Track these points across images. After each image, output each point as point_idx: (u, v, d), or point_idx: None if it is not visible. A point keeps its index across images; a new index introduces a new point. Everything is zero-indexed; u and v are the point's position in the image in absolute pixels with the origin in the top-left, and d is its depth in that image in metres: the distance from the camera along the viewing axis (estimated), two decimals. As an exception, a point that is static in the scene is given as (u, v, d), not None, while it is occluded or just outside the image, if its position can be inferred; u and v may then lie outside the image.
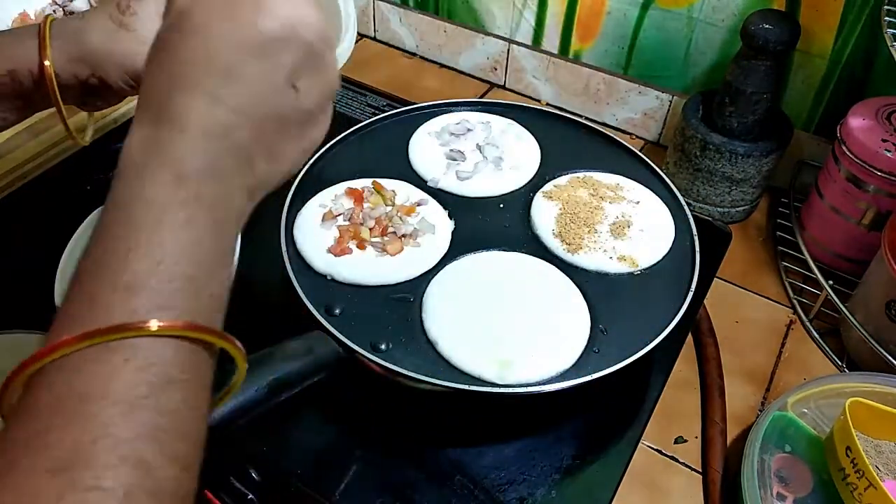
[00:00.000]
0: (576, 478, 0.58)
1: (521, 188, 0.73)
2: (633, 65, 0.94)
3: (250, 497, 0.55)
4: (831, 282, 0.75)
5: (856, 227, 0.77)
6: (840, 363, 0.73)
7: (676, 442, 0.66)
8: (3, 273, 0.71)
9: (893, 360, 0.67)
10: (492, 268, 0.64)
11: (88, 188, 0.80)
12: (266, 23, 0.33)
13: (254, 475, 0.56)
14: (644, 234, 0.67)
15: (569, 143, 0.78)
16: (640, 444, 0.62)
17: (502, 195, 0.72)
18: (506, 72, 1.06)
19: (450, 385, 0.54)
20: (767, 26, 0.74)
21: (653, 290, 0.63)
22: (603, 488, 0.57)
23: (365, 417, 0.61)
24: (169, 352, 0.29)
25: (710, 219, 0.78)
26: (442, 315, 0.60)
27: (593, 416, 0.62)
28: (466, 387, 0.55)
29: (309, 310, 0.58)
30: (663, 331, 0.58)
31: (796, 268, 0.81)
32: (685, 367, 0.71)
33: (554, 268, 0.64)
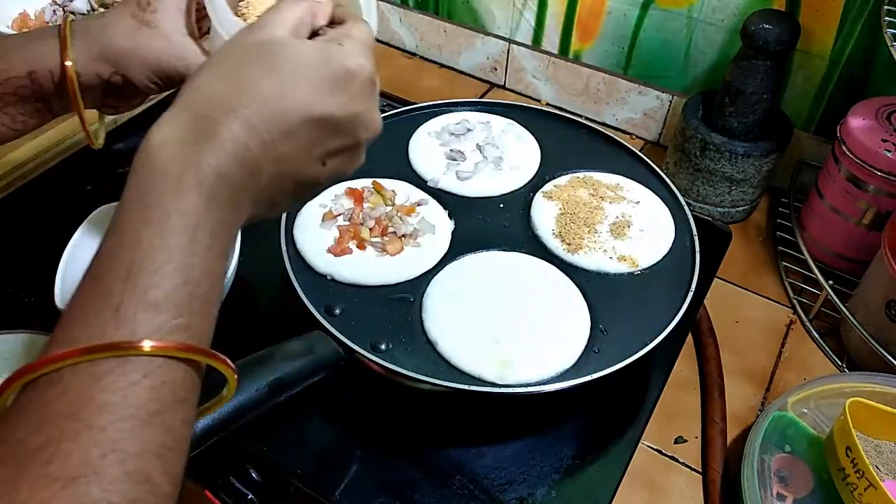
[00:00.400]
0: (576, 478, 0.58)
1: (521, 188, 0.73)
2: (633, 65, 0.94)
3: (250, 497, 0.55)
4: (831, 282, 0.75)
5: (856, 227, 0.77)
6: (840, 363, 0.73)
7: (676, 442, 0.66)
8: (3, 273, 0.71)
9: (893, 360, 0.67)
10: (492, 268, 0.64)
11: (88, 188, 0.80)
12: (339, 108, 0.36)
13: (254, 475, 0.56)
14: (644, 234, 0.67)
15: (569, 143, 0.78)
16: (640, 444, 0.62)
17: (502, 195, 0.72)
18: (506, 72, 1.06)
19: (450, 385, 0.54)
20: (767, 26, 0.74)
21: (653, 290, 0.63)
22: (603, 488, 0.58)
23: (365, 417, 0.61)
24: (180, 373, 0.30)
25: (710, 219, 0.78)
26: (442, 315, 0.60)
27: (593, 416, 0.62)
28: (466, 387, 0.55)
29: (309, 310, 0.58)
30: (663, 331, 0.58)
31: (796, 268, 0.81)
32: (685, 367, 0.71)
33: (554, 268, 0.64)
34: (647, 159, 0.75)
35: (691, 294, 0.61)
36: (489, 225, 0.69)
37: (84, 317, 0.29)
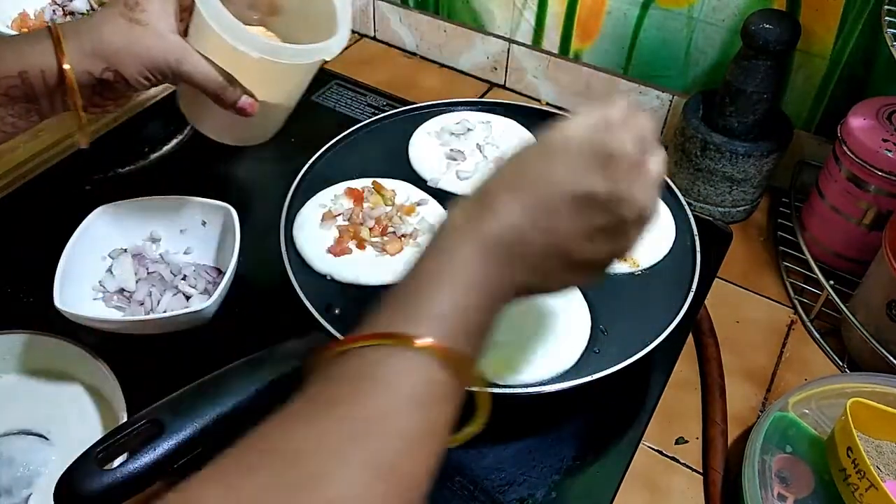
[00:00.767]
0: (576, 478, 0.58)
1: (521, 188, 0.72)
2: (634, 65, 0.94)
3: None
4: (832, 282, 0.75)
5: (856, 226, 0.76)
6: (841, 363, 0.73)
7: (677, 442, 0.66)
8: (3, 273, 0.71)
9: (894, 361, 0.67)
10: (492, 268, 0.64)
11: (88, 188, 0.80)
12: (601, 187, 0.39)
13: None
14: (644, 234, 0.67)
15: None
16: (640, 445, 0.62)
17: (502, 195, 0.72)
18: (506, 72, 1.06)
19: (450, 385, 0.54)
20: (768, 26, 0.74)
21: (653, 290, 0.63)
22: (603, 489, 0.57)
23: (365, 418, 0.61)
24: (444, 376, 0.36)
25: (710, 219, 0.78)
26: (442, 315, 0.59)
27: (593, 417, 0.62)
28: (466, 387, 0.54)
29: (308, 310, 0.58)
30: (664, 331, 0.58)
31: (797, 268, 0.81)
32: (686, 367, 0.71)
33: (554, 268, 0.64)
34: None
35: (692, 294, 0.61)
36: (489, 225, 0.69)
37: (390, 310, 0.38)
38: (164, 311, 0.66)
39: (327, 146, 0.74)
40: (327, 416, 0.34)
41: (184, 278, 0.69)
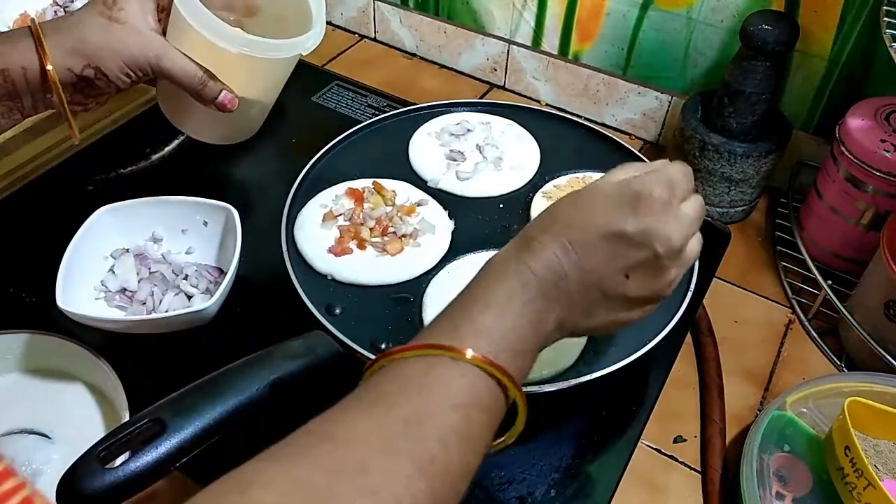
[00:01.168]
0: (575, 477, 0.58)
1: (520, 188, 0.73)
2: (633, 65, 0.94)
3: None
4: (830, 282, 0.75)
5: (854, 227, 0.77)
6: (839, 363, 0.73)
7: (676, 441, 0.66)
8: (3, 273, 0.71)
9: (892, 360, 0.67)
10: (492, 268, 0.65)
11: (89, 188, 0.80)
12: (630, 224, 0.42)
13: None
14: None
15: (568, 143, 0.78)
16: (639, 444, 0.62)
17: (502, 195, 0.72)
18: (505, 72, 1.06)
19: (450, 384, 0.54)
20: (766, 27, 0.74)
21: (652, 290, 0.64)
22: (602, 487, 0.58)
23: (365, 417, 0.61)
24: (486, 385, 0.38)
25: (709, 219, 0.78)
26: (442, 315, 0.60)
27: (593, 416, 0.63)
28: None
29: (309, 310, 0.59)
30: (662, 330, 0.58)
31: (795, 268, 0.81)
32: (684, 366, 0.71)
33: (553, 268, 0.64)
34: (646, 160, 0.75)
35: (690, 294, 0.61)
36: (489, 225, 0.69)
37: (436, 329, 0.41)
38: (166, 311, 0.66)
39: (328, 147, 0.74)
40: (375, 413, 0.36)
41: (185, 278, 0.69)
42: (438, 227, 0.67)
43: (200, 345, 0.64)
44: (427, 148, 0.76)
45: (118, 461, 0.45)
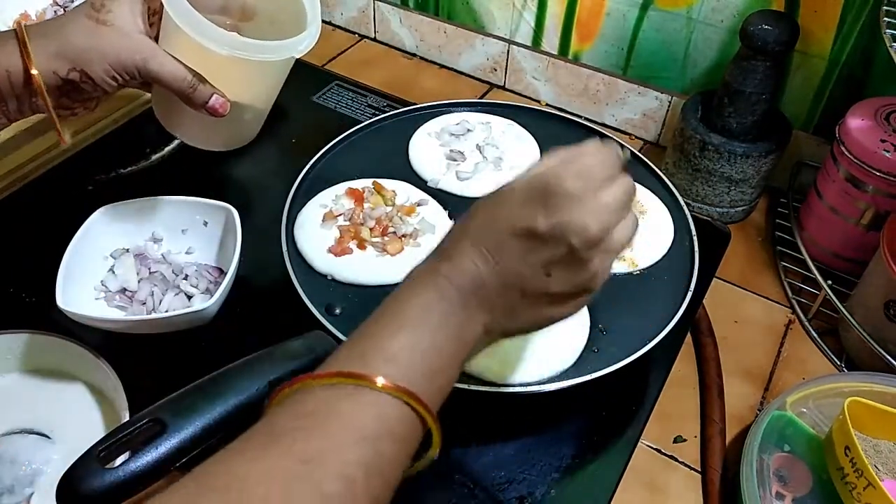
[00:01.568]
0: (575, 477, 0.58)
1: (520, 188, 0.73)
2: (633, 66, 0.94)
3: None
4: (830, 282, 0.75)
5: (854, 227, 0.77)
6: (839, 363, 0.73)
7: (676, 441, 0.66)
8: (3, 273, 0.71)
9: (892, 360, 0.67)
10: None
11: (89, 188, 0.80)
12: (540, 221, 0.41)
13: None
14: (643, 234, 0.67)
15: (568, 143, 0.77)
16: (639, 444, 0.62)
17: (502, 195, 0.72)
18: (505, 72, 1.06)
19: (450, 384, 0.54)
20: (766, 27, 0.74)
21: (652, 290, 0.64)
22: (602, 487, 0.58)
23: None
24: (398, 413, 0.37)
25: (709, 219, 0.79)
26: (442, 315, 0.60)
27: (592, 416, 0.63)
28: (466, 386, 0.55)
29: (309, 310, 0.59)
30: (662, 330, 0.58)
31: (795, 268, 0.81)
32: (684, 366, 0.71)
33: (553, 268, 0.64)
34: (646, 160, 0.75)
35: (690, 294, 0.61)
36: (489, 225, 0.69)
37: (346, 353, 0.39)
38: (166, 311, 0.66)
39: (328, 147, 0.74)
40: (274, 451, 0.34)
41: (185, 278, 0.69)
42: (438, 227, 0.67)
43: (200, 345, 0.64)
44: (427, 148, 0.76)
45: (118, 461, 0.45)
